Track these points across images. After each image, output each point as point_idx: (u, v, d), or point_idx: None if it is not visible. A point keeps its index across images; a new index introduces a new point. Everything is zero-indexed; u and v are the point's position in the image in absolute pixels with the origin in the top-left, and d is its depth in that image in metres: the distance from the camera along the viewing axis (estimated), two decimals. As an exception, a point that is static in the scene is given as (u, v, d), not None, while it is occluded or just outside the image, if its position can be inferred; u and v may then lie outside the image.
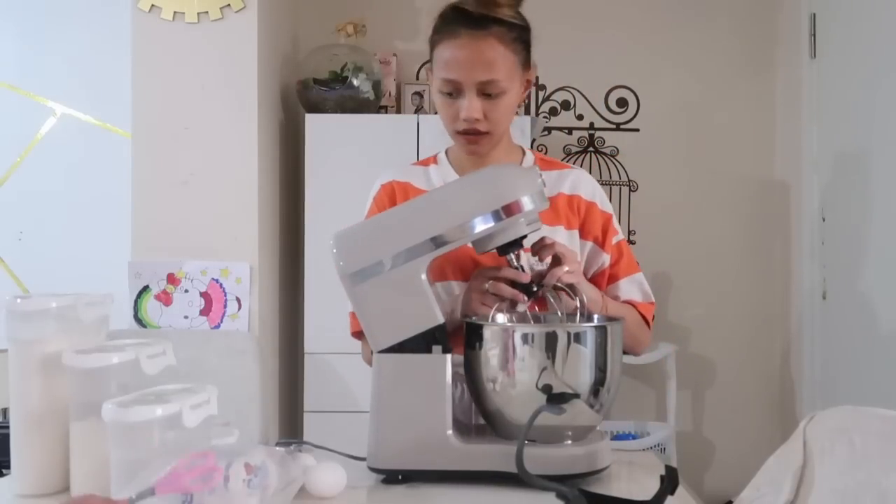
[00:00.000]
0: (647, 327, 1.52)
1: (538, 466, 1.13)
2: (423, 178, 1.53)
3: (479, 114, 1.39)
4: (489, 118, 1.41)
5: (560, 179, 1.51)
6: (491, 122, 1.41)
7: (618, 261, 1.51)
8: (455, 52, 1.38)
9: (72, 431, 1.16)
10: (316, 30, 3.15)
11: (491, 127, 1.42)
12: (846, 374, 2.77)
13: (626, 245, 1.54)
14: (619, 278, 1.51)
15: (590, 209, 1.50)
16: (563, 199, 1.49)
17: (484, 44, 1.37)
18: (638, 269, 1.53)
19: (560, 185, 1.50)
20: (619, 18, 3.36)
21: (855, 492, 0.93)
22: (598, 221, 1.50)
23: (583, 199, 1.50)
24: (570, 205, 1.49)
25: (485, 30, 1.37)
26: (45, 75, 3.12)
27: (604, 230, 1.50)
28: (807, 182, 3.08)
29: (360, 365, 1.49)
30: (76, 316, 1.21)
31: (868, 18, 2.66)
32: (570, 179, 1.51)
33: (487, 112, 1.40)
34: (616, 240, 1.51)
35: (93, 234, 3.05)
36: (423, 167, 1.56)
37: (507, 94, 1.40)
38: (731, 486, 3.17)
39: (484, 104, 1.39)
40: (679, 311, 3.35)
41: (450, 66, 1.39)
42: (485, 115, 1.40)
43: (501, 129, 1.45)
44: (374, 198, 1.55)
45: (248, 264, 2.54)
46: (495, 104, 1.40)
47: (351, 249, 1.25)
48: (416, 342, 1.23)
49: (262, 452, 1.01)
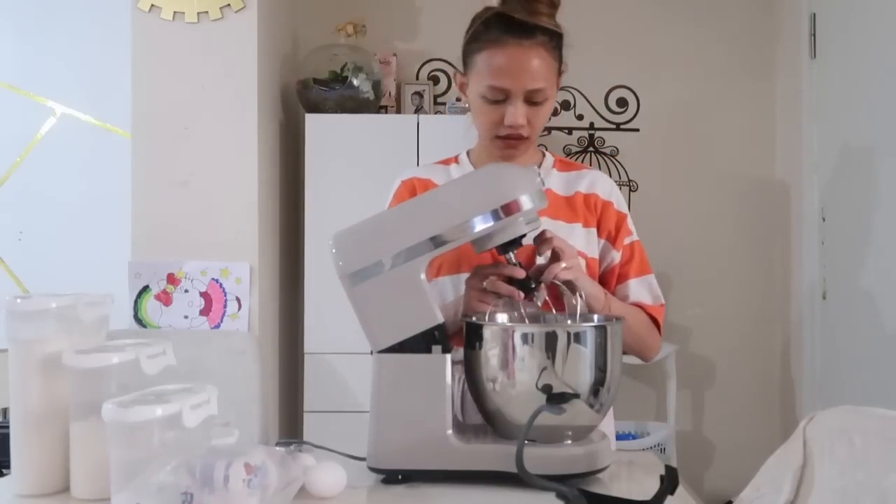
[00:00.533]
0: (657, 330, 1.52)
1: (538, 466, 1.13)
2: (445, 177, 1.54)
3: (524, 120, 1.42)
4: (531, 124, 1.44)
5: (578, 179, 1.53)
6: (532, 128, 1.45)
7: (629, 260, 1.52)
8: (504, 60, 1.39)
9: (72, 431, 1.16)
10: (316, 30, 3.16)
11: (531, 133, 1.45)
12: (846, 374, 2.77)
13: (641, 247, 1.55)
14: (628, 278, 1.52)
15: (605, 207, 1.52)
16: (580, 197, 1.51)
17: (532, 52, 1.39)
18: (650, 271, 1.54)
19: (578, 185, 1.52)
20: (619, 18, 3.36)
21: (855, 492, 0.93)
22: (612, 219, 1.52)
23: (599, 198, 1.52)
24: (587, 203, 1.51)
25: (531, 38, 1.39)
26: (45, 75, 3.13)
27: (617, 228, 1.52)
28: (807, 182, 3.08)
29: (360, 365, 1.49)
30: (76, 316, 1.21)
31: (868, 18, 2.66)
32: (589, 179, 1.54)
33: (531, 118, 1.43)
34: (629, 240, 1.53)
35: (93, 234, 3.05)
36: (444, 166, 1.57)
37: (550, 100, 1.44)
38: (731, 486, 3.17)
39: (528, 111, 1.42)
40: (679, 311, 3.35)
41: (498, 74, 1.40)
42: (528, 121, 1.43)
43: (537, 134, 1.49)
44: (395, 193, 1.56)
45: (248, 264, 2.54)
46: (538, 111, 1.43)
47: (350, 249, 1.25)
48: (416, 342, 1.23)
49: (262, 452, 1.01)
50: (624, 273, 1.52)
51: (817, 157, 3.00)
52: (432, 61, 3.33)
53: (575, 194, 1.51)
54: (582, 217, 1.50)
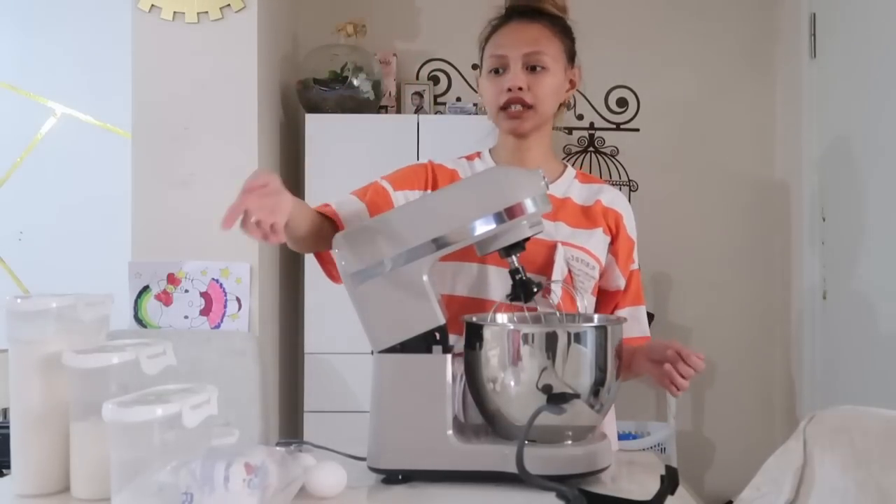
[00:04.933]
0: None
1: (538, 466, 1.13)
2: (469, 172, 1.54)
3: (523, 83, 1.44)
4: (533, 92, 1.45)
5: (599, 191, 1.54)
6: (535, 97, 1.46)
7: (626, 289, 1.53)
8: (505, 34, 1.49)
9: (72, 431, 1.16)
10: (316, 30, 3.15)
11: (535, 102, 1.46)
12: (846, 374, 2.77)
13: (639, 276, 1.57)
14: (621, 307, 1.53)
15: (621, 229, 1.53)
16: (600, 207, 1.52)
17: (532, 26, 1.47)
18: (642, 303, 1.55)
19: (599, 195, 1.53)
20: (619, 18, 3.36)
21: (855, 492, 0.93)
22: (624, 243, 1.53)
23: (620, 218, 1.53)
24: (607, 216, 1.52)
25: (532, 19, 1.48)
26: (44, 75, 3.13)
27: (626, 253, 1.53)
28: (807, 182, 3.08)
29: (360, 365, 1.49)
30: (76, 316, 1.21)
31: (868, 18, 2.66)
32: (610, 195, 1.55)
33: (531, 85, 1.45)
34: (632, 267, 1.54)
35: (93, 234, 3.05)
36: (468, 161, 1.58)
37: (551, 72, 1.47)
38: (731, 486, 3.17)
39: (528, 77, 1.45)
40: (679, 311, 3.35)
41: (498, 44, 1.48)
42: (528, 87, 1.45)
43: (544, 109, 1.48)
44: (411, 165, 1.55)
45: (248, 264, 2.54)
46: (539, 78, 1.46)
47: (352, 249, 1.25)
48: (417, 342, 1.23)
49: (262, 452, 1.01)
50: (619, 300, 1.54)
51: (817, 156, 3.00)
52: (432, 61, 3.33)
53: (595, 203, 1.52)
54: (603, 224, 1.51)
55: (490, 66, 1.48)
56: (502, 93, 1.46)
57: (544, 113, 1.48)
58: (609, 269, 1.52)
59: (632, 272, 1.54)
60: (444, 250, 1.23)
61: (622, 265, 1.52)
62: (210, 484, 0.96)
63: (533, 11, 1.49)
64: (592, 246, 1.48)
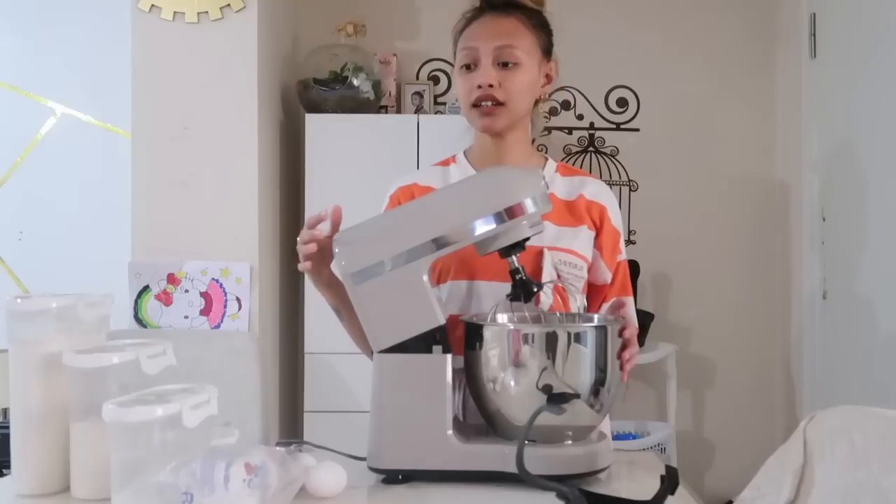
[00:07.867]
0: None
1: (538, 466, 1.13)
2: (444, 180, 1.53)
3: (493, 80, 1.42)
4: (504, 89, 1.43)
5: (582, 185, 1.52)
6: (507, 94, 1.43)
7: (613, 280, 1.52)
8: (476, 27, 1.46)
9: (72, 431, 1.16)
10: (316, 30, 3.15)
11: (507, 99, 1.43)
12: (846, 374, 2.77)
13: (626, 267, 1.55)
14: (608, 300, 1.52)
15: (605, 222, 1.51)
16: (583, 201, 1.50)
17: (505, 20, 1.45)
18: (630, 293, 1.54)
19: (581, 189, 1.52)
20: (619, 18, 3.36)
21: (855, 492, 0.93)
22: (609, 236, 1.51)
23: (604, 210, 1.51)
24: (590, 210, 1.51)
25: (506, 12, 1.45)
26: (45, 75, 3.12)
27: (612, 245, 1.51)
28: (807, 182, 3.08)
29: (360, 365, 1.49)
30: (76, 316, 1.21)
31: (868, 18, 2.66)
32: (593, 187, 1.53)
33: (503, 81, 1.43)
34: (619, 258, 1.53)
35: (93, 233, 3.05)
36: (443, 167, 1.56)
37: (524, 67, 1.44)
38: (731, 486, 3.17)
39: (499, 73, 1.43)
40: (679, 311, 3.35)
41: (469, 37, 1.46)
42: (500, 83, 1.42)
43: (517, 107, 1.46)
44: (392, 196, 1.54)
45: (248, 264, 2.54)
46: (511, 74, 1.43)
47: (352, 249, 1.26)
48: (417, 342, 1.23)
49: (262, 452, 1.01)
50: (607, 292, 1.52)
51: (817, 157, 3.00)
52: (432, 61, 3.33)
53: (578, 198, 1.50)
54: (588, 220, 1.50)
55: (461, 60, 1.46)
56: (473, 90, 1.44)
57: (517, 110, 1.46)
58: (595, 263, 1.50)
59: (618, 263, 1.52)
60: (445, 250, 1.23)
61: (608, 258, 1.50)
62: (210, 484, 0.96)
63: (507, 5, 1.46)
64: (578, 246, 1.46)
